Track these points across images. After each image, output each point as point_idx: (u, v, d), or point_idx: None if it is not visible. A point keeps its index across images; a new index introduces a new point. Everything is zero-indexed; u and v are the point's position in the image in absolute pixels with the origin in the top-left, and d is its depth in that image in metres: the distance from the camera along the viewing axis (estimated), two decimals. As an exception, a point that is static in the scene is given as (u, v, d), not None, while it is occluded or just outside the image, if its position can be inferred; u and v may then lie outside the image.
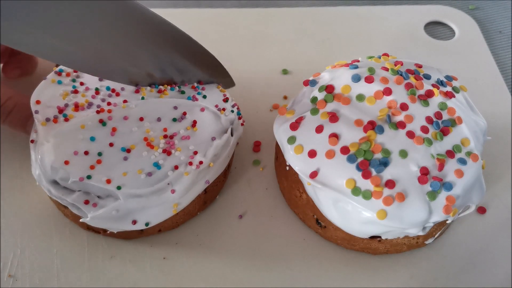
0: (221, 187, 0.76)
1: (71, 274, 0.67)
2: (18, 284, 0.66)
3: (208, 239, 0.71)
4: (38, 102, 0.67)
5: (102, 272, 0.67)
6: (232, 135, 0.72)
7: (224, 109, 0.72)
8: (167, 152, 0.64)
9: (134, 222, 0.64)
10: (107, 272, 0.67)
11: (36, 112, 0.67)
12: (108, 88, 0.69)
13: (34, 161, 0.66)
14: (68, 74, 0.71)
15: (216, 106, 0.72)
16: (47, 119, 0.66)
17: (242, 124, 0.75)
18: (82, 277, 0.67)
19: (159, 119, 0.67)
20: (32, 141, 0.66)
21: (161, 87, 0.70)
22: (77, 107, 0.67)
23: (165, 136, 0.65)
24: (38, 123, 0.66)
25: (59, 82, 0.70)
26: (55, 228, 0.71)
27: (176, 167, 0.64)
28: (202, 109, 0.69)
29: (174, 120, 0.67)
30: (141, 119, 0.66)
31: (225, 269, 0.68)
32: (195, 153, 0.66)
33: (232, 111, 0.73)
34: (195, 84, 0.73)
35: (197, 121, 0.68)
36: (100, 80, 0.71)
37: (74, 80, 0.71)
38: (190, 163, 0.65)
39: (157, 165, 0.63)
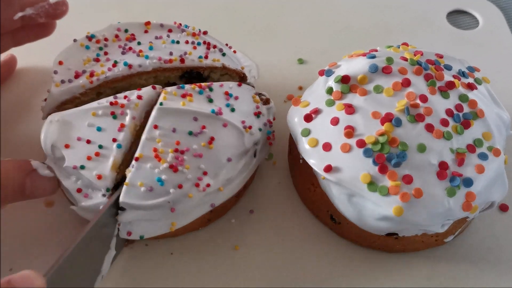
0: (230, 207, 0.73)
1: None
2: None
3: (217, 234, 0.71)
4: (60, 62, 0.71)
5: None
6: (255, 156, 0.70)
7: (250, 127, 0.68)
8: (173, 168, 0.61)
9: (129, 233, 0.63)
10: (111, 268, 0.67)
11: (55, 72, 0.70)
12: (125, 64, 0.70)
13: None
14: (98, 41, 0.74)
15: (243, 122, 0.68)
16: (62, 81, 0.69)
17: (270, 144, 0.73)
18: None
19: (174, 130, 0.64)
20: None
21: (187, 88, 0.68)
22: (92, 75, 0.69)
23: (175, 150, 0.62)
24: (52, 83, 0.69)
25: (87, 47, 0.73)
26: (58, 221, 0.71)
27: (180, 186, 0.61)
28: (225, 125, 0.66)
29: (190, 133, 0.64)
30: (155, 126, 0.63)
31: (234, 266, 0.68)
32: (205, 173, 0.63)
33: (260, 130, 0.70)
34: (229, 90, 0.70)
35: (215, 138, 0.65)
36: (123, 53, 0.72)
37: (101, 48, 0.73)
38: (197, 185, 0.62)
39: (160, 180, 0.61)
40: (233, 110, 0.68)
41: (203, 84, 0.69)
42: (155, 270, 0.67)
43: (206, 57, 0.74)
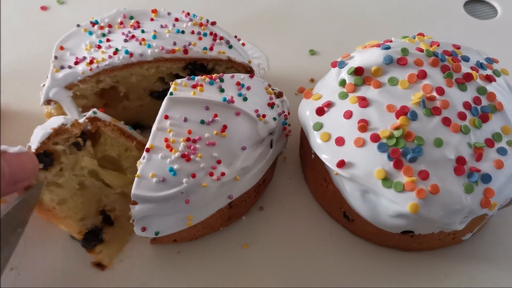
0: (251, 204, 0.73)
1: (79, 269, 0.68)
2: (21, 278, 0.66)
3: (226, 232, 0.71)
4: (61, 48, 0.72)
5: (113, 267, 0.68)
6: (271, 147, 0.69)
7: (264, 116, 0.68)
8: (186, 157, 0.61)
9: (144, 229, 0.63)
10: (118, 267, 0.67)
11: (55, 57, 0.71)
12: (126, 52, 0.70)
13: None
14: (101, 27, 0.74)
15: (256, 111, 0.67)
16: (62, 67, 0.70)
17: (286, 135, 0.73)
18: (91, 272, 0.67)
19: (185, 119, 0.63)
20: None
21: (198, 79, 0.67)
22: (91, 62, 0.70)
23: (187, 139, 0.62)
24: (52, 68, 0.71)
25: (90, 33, 0.74)
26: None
27: (193, 175, 0.61)
28: (237, 113, 0.66)
29: (202, 122, 0.64)
30: (166, 117, 0.63)
31: (244, 264, 0.68)
32: (219, 162, 0.63)
33: (275, 119, 0.69)
34: (240, 81, 0.69)
35: (228, 126, 0.64)
36: (125, 41, 0.72)
37: (103, 35, 0.74)
38: (211, 173, 0.62)
39: (172, 170, 0.60)
40: (245, 99, 0.68)
41: (213, 75, 0.69)
42: (162, 269, 0.67)
43: (211, 48, 0.73)
